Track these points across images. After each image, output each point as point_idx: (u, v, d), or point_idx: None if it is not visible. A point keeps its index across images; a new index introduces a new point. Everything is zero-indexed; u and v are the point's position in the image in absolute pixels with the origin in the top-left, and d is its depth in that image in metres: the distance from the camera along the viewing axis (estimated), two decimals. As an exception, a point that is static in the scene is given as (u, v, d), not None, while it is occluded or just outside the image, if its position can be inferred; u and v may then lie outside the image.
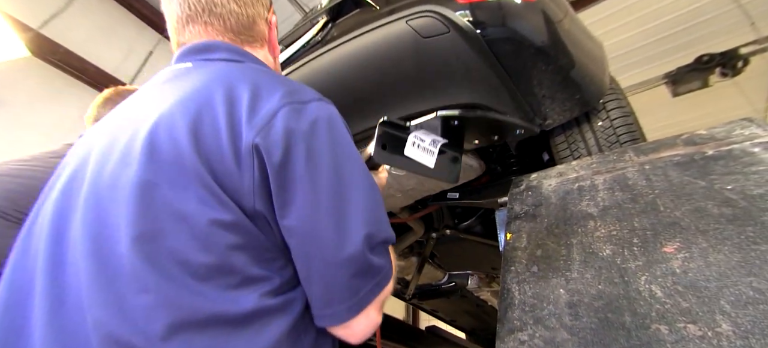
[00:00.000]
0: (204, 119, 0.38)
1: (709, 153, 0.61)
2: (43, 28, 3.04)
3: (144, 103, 0.45)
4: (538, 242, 0.67)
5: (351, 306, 0.40)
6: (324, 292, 0.40)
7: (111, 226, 0.35)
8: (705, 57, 3.36)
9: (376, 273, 0.42)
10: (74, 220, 0.37)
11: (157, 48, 3.91)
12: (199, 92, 0.41)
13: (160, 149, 0.37)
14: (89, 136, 0.47)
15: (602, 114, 0.97)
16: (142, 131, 0.39)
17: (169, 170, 0.37)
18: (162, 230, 0.35)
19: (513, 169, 1.26)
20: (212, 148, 0.38)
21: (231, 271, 0.36)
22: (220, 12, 0.51)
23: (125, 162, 0.38)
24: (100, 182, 0.38)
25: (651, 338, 0.40)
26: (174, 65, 0.51)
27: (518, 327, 0.52)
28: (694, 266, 0.44)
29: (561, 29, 0.90)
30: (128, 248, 0.34)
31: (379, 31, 0.95)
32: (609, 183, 0.71)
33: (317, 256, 0.39)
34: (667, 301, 0.43)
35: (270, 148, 0.38)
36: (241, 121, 0.39)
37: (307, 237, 0.39)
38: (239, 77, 0.43)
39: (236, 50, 0.52)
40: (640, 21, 3.43)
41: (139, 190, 0.36)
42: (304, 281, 0.40)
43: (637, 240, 0.54)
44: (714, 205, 0.51)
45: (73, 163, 0.44)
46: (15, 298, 0.37)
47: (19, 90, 2.93)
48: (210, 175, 0.37)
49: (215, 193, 0.36)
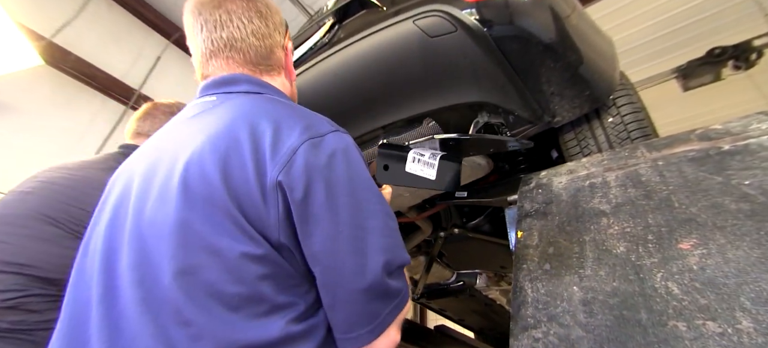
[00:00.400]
0: (232, 157, 0.42)
1: (725, 148, 0.60)
2: (55, 36, 3.12)
3: (177, 138, 0.49)
4: (549, 240, 0.67)
5: (373, 329, 0.43)
6: (347, 318, 0.42)
7: (154, 261, 0.39)
8: (717, 50, 3.29)
9: (394, 296, 0.45)
10: (122, 251, 0.41)
11: (164, 53, 3.97)
12: (226, 130, 0.44)
13: (193, 187, 0.41)
14: (132, 162, 0.51)
15: (612, 110, 0.95)
16: (177, 169, 0.42)
17: (202, 207, 0.40)
18: (199, 265, 0.38)
19: (521, 167, 1.25)
20: (240, 184, 0.40)
21: (260, 300, 0.39)
22: (240, 46, 0.55)
23: (163, 200, 0.41)
24: (142, 218, 0.42)
25: (668, 335, 0.40)
26: (200, 98, 0.55)
27: (532, 324, 0.52)
28: (712, 263, 0.44)
29: (569, 25, 0.90)
30: (170, 282, 0.37)
31: (386, 31, 0.95)
32: (621, 180, 0.71)
33: (340, 285, 0.42)
34: (684, 298, 0.42)
35: (292, 184, 0.41)
36: (266, 158, 0.42)
37: (330, 268, 0.42)
38: (261, 113, 0.47)
39: (256, 82, 0.56)
40: (649, 14, 3.37)
41: (177, 228, 0.39)
42: (328, 309, 0.43)
43: (651, 237, 0.54)
44: (731, 200, 0.50)
45: (119, 188, 0.48)
46: (78, 314, 0.41)
47: (33, 98, 3.01)
48: (238, 210, 0.40)
49: (244, 228, 0.39)
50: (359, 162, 0.48)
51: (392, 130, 1.14)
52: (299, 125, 0.45)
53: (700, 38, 3.46)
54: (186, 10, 0.58)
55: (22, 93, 2.94)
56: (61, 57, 3.15)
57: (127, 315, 0.38)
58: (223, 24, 0.55)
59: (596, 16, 1.54)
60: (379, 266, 0.42)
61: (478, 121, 1.06)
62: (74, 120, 3.24)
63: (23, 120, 2.92)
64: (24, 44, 2.34)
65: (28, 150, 2.91)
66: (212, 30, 0.55)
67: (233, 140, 0.43)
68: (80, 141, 3.23)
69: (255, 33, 0.56)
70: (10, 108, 2.88)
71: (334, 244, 0.41)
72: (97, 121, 3.36)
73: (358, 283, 0.41)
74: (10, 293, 0.62)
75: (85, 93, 3.34)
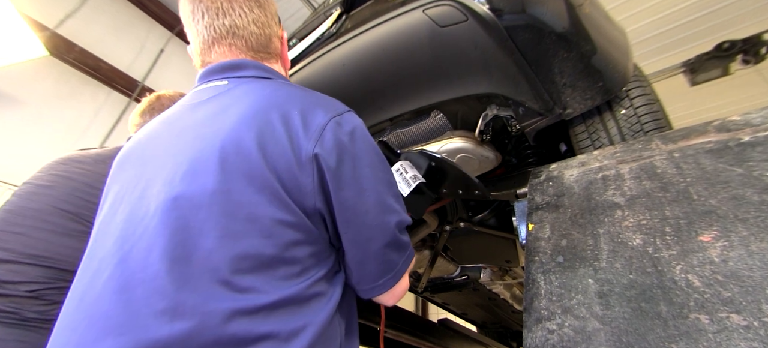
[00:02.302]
0: (266, 135, 0.46)
1: (745, 139, 0.58)
2: (59, 27, 3.11)
3: (197, 119, 0.50)
4: (562, 232, 0.66)
5: (394, 275, 0.53)
6: (376, 269, 0.51)
7: (193, 229, 0.41)
8: (725, 44, 3.23)
9: (406, 248, 0.55)
10: (146, 224, 0.42)
11: (167, 45, 3.95)
12: (257, 111, 0.48)
13: (232, 162, 0.44)
14: (141, 145, 0.53)
15: (625, 102, 0.94)
16: (210, 146, 0.45)
17: (241, 180, 0.43)
18: (240, 231, 0.41)
19: (529, 160, 1.24)
20: (278, 159, 0.45)
21: (293, 262, 0.44)
22: (242, 34, 0.58)
23: (196, 174, 0.43)
24: (170, 192, 0.43)
25: (690, 328, 0.39)
26: (208, 83, 0.56)
27: (546, 316, 0.51)
28: (735, 255, 0.43)
29: (582, 14, 0.88)
30: (211, 246, 0.40)
31: (394, 21, 0.94)
32: (635, 172, 0.69)
33: (370, 240, 0.50)
34: (706, 290, 0.42)
35: (326, 156, 0.47)
36: (299, 134, 0.47)
37: (362, 226, 0.49)
38: (284, 96, 0.51)
39: (263, 67, 0.59)
40: (657, 8, 3.31)
41: (218, 198, 0.42)
42: (359, 264, 0.51)
43: (669, 229, 0.53)
44: (754, 192, 0.49)
45: (131, 169, 0.50)
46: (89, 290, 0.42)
47: (36, 89, 3.01)
48: (278, 182, 0.44)
49: (281, 198, 0.44)
50: (371, 138, 0.55)
51: (400, 121, 1.13)
52: (320, 106, 0.51)
53: (708, 32, 3.40)
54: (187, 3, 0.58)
55: (27, 84, 2.94)
56: (66, 48, 3.14)
57: (157, 275, 0.39)
58: (224, 11, 0.56)
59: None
60: (395, 224, 0.51)
61: (487, 114, 1.04)
62: (79, 111, 3.24)
63: (28, 111, 2.93)
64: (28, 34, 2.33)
65: (33, 141, 2.92)
66: (214, 17, 0.56)
67: (265, 121, 0.47)
68: (85, 133, 3.24)
69: (255, 21, 0.59)
70: (15, 99, 2.88)
71: (364, 206, 0.48)
72: (102, 113, 3.37)
73: (383, 239, 0.50)
74: (34, 284, 0.63)
75: (90, 85, 3.34)
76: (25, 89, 2.94)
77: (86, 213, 0.72)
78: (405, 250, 0.54)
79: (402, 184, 0.78)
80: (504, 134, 1.18)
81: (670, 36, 3.51)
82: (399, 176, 0.78)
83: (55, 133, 3.06)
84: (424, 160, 0.79)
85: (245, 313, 0.38)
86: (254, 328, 0.38)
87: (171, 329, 0.36)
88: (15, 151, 2.82)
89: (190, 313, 0.37)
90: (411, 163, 0.78)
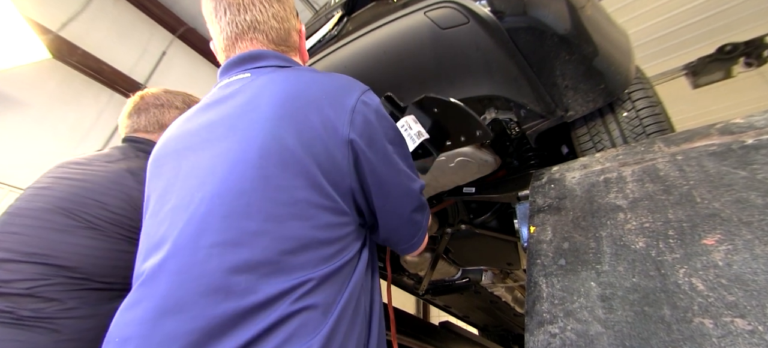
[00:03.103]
0: (300, 124, 0.48)
1: (749, 142, 0.58)
2: (62, 30, 3.13)
3: (226, 112, 0.52)
4: (564, 235, 0.65)
5: (422, 233, 0.63)
6: (409, 230, 0.60)
7: (240, 213, 0.43)
8: (728, 46, 3.22)
9: (425, 208, 0.63)
10: (193, 208, 0.45)
11: (170, 48, 3.97)
12: (286, 101, 0.50)
13: (268, 150, 0.46)
14: (175, 142, 0.55)
15: (627, 104, 0.93)
16: (247, 139, 0.47)
17: (278, 166, 0.45)
18: (282, 214, 0.44)
19: (531, 163, 1.23)
20: (314, 144, 0.48)
21: (329, 242, 0.47)
22: (263, 28, 0.61)
23: (241, 163, 0.46)
24: (213, 181, 0.46)
25: (694, 332, 0.39)
26: (234, 76, 0.58)
27: (548, 320, 0.51)
28: (739, 258, 0.42)
29: (584, 16, 0.88)
30: (256, 228, 0.43)
31: (396, 23, 0.94)
32: (638, 174, 0.69)
33: (404, 207, 0.57)
34: (710, 294, 0.41)
35: (359, 139, 0.50)
36: (331, 119, 0.50)
37: (398, 195, 0.56)
38: (308, 82, 0.54)
39: (283, 57, 0.61)
40: (659, 10, 3.31)
41: (260, 184, 0.45)
42: (393, 230, 0.58)
43: (672, 232, 0.52)
44: (758, 195, 0.48)
45: (170, 165, 0.53)
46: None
47: (40, 91, 3.02)
48: (315, 166, 0.47)
49: (318, 181, 0.47)
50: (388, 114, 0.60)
51: (401, 123, 1.12)
52: (344, 88, 0.54)
53: (710, 35, 3.39)
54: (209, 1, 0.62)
55: (30, 87, 2.96)
56: (68, 51, 3.16)
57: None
58: (246, 7, 0.59)
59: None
60: (418, 190, 0.59)
61: (486, 117, 1.04)
62: (81, 114, 3.26)
63: (31, 114, 2.94)
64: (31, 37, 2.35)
65: (36, 144, 2.94)
66: (236, 13, 0.59)
67: (295, 108, 0.49)
68: (87, 135, 3.25)
69: (275, 16, 0.61)
70: (18, 102, 2.90)
71: (396, 178, 0.55)
72: (104, 116, 3.38)
73: (411, 205, 0.58)
74: (29, 281, 0.63)
75: (93, 87, 3.36)
76: (28, 92, 2.96)
77: (80, 208, 0.72)
78: (426, 210, 0.63)
79: (408, 140, 0.76)
80: (504, 137, 1.18)
81: (672, 39, 3.51)
82: (404, 133, 0.76)
83: (58, 136, 3.08)
84: (428, 113, 0.78)
85: (290, 291, 0.41)
86: (299, 304, 0.41)
87: (225, 308, 0.38)
88: (18, 153, 2.83)
89: (241, 294, 0.40)
90: (415, 118, 0.77)
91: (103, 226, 0.71)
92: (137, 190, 0.75)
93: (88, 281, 0.67)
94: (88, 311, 0.65)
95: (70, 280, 0.65)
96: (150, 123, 0.92)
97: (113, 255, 0.70)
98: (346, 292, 0.46)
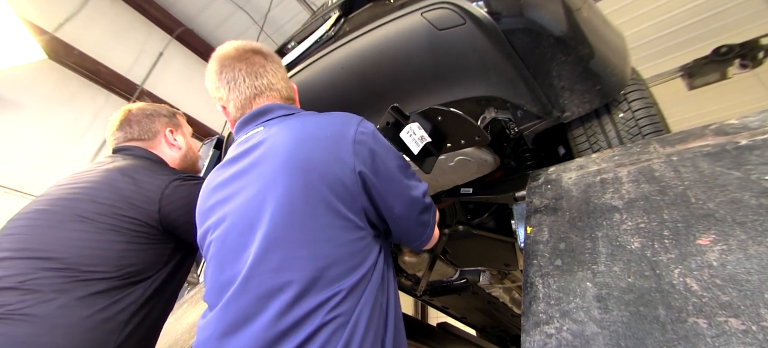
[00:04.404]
0: (316, 163, 0.57)
1: (743, 143, 0.58)
2: (58, 31, 3.11)
3: (256, 161, 0.62)
4: (560, 236, 0.66)
5: (430, 229, 0.70)
6: (418, 230, 0.68)
7: (278, 237, 0.54)
8: (723, 48, 3.25)
9: (430, 207, 0.70)
10: (251, 227, 0.56)
11: (167, 49, 3.96)
12: (299, 144, 0.60)
13: (292, 189, 0.55)
14: (217, 186, 0.66)
15: (623, 105, 0.94)
16: (273, 181, 0.57)
17: (301, 200, 0.55)
18: (314, 239, 0.54)
19: (528, 163, 1.24)
20: (329, 178, 0.56)
21: (350, 256, 0.55)
22: (276, 87, 0.73)
23: (270, 201, 0.55)
24: (260, 220, 0.56)
25: (689, 332, 0.39)
26: (250, 131, 0.69)
27: (544, 320, 0.51)
28: (733, 259, 0.43)
29: (580, 18, 0.88)
30: (294, 252, 0.53)
31: (393, 24, 0.94)
32: (634, 175, 0.69)
33: (412, 214, 0.65)
34: (704, 294, 0.41)
35: (365, 167, 0.59)
36: (339, 153, 0.59)
37: (406, 206, 0.64)
38: (312, 125, 0.63)
39: (287, 107, 0.72)
40: (656, 12, 3.34)
41: (291, 218, 0.54)
42: (405, 233, 0.67)
43: (667, 232, 0.52)
44: (751, 196, 0.49)
45: (216, 198, 0.64)
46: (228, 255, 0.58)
47: (36, 92, 3.01)
48: (333, 195, 0.56)
49: (335, 207, 0.56)
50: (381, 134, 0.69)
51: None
52: (343, 123, 0.63)
53: (706, 36, 3.42)
54: (215, 69, 0.72)
55: (26, 88, 2.94)
56: (65, 52, 3.15)
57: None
58: (259, 74, 0.72)
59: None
60: (421, 194, 0.66)
61: (485, 117, 1.04)
62: (78, 115, 3.24)
63: (27, 115, 2.93)
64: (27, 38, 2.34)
65: (32, 145, 2.92)
66: (254, 78, 0.71)
67: (308, 150, 0.59)
68: (83, 136, 3.24)
69: (284, 79, 0.76)
70: (15, 103, 2.88)
71: (400, 191, 0.63)
72: (101, 117, 3.37)
73: (417, 209, 0.65)
74: (19, 276, 0.66)
75: (89, 88, 3.34)
76: (24, 93, 2.94)
77: (71, 204, 0.75)
78: (431, 209, 0.70)
79: (412, 144, 0.84)
80: (502, 137, 1.19)
81: (668, 40, 3.54)
82: (409, 137, 0.84)
83: (54, 137, 3.06)
84: (430, 120, 0.85)
85: (325, 302, 0.50)
86: (332, 314, 0.50)
87: (278, 324, 0.48)
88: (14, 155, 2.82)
89: (287, 310, 0.49)
90: (419, 125, 0.84)
91: (91, 217, 0.73)
92: (124, 182, 0.79)
93: (72, 271, 0.68)
94: (65, 301, 0.65)
95: (55, 271, 0.67)
96: (143, 131, 0.96)
97: (98, 244, 0.71)
98: (365, 296, 0.54)
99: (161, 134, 0.98)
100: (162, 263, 0.79)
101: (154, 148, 0.96)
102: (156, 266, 0.78)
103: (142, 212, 0.76)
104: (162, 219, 0.78)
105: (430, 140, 0.84)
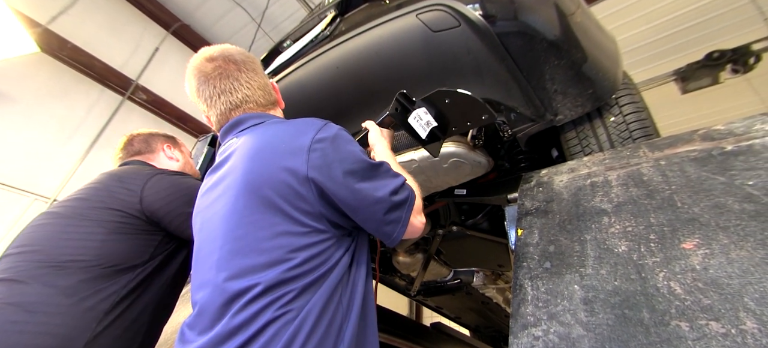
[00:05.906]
0: (270, 173, 0.60)
1: (729, 148, 0.59)
2: (52, 24, 3.07)
3: (227, 172, 0.65)
4: (550, 238, 0.66)
5: (402, 225, 0.66)
6: (387, 227, 0.65)
7: (240, 240, 0.58)
8: (715, 53, 3.29)
9: (402, 204, 0.66)
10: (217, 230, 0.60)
11: (163, 44, 3.93)
12: (258, 153, 0.62)
13: (250, 197, 0.59)
14: (202, 194, 0.71)
15: (615, 109, 0.95)
16: (235, 192, 0.60)
17: (259, 208, 0.58)
18: (271, 247, 0.56)
19: (521, 165, 1.25)
20: (282, 188, 0.59)
21: (306, 261, 0.56)
22: (253, 98, 0.75)
23: (232, 210, 0.60)
24: (220, 214, 0.61)
25: (671, 335, 0.40)
26: (227, 141, 0.73)
27: (532, 322, 0.51)
28: (715, 263, 0.44)
29: (573, 22, 0.89)
30: (251, 261, 0.56)
31: (388, 25, 0.94)
32: (623, 179, 0.70)
33: (375, 214, 0.63)
34: (687, 297, 0.42)
35: (317, 172, 0.60)
36: (292, 163, 0.60)
37: (366, 209, 0.62)
38: (273, 134, 0.65)
39: (260, 115, 0.74)
40: (649, 17, 3.37)
41: (251, 228, 0.58)
42: (375, 230, 0.65)
43: (654, 236, 0.53)
44: (735, 201, 0.50)
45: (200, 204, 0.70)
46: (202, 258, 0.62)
47: (28, 86, 2.96)
48: (287, 204, 0.58)
49: (292, 215, 0.58)
50: (348, 135, 0.68)
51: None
52: (301, 131, 0.64)
53: (699, 41, 3.46)
54: (194, 85, 0.74)
55: (18, 81, 2.90)
56: (58, 45, 3.10)
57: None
58: (233, 90, 0.73)
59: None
60: (388, 194, 0.64)
61: None
62: (71, 109, 3.20)
63: (19, 108, 2.88)
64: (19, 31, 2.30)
65: (24, 140, 2.88)
66: (229, 94, 0.73)
67: (264, 160, 0.61)
68: (77, 130, 3.19)
69: (260, 87, 0.76)
70: (6, 96, 2.83)
71: (359, 195, 0.61)
72: (94, 111, 3.33)
73: (382, 209, 0.63)
74: (11, 270, 0.71)
75: (83, 82, 3.30)
76: (16, 86, 2.90)
77: (66, 203, 0.82)
78: (403, 206, 0.67)
79: (420, 130, 0.85)
80: (496, 139, 1.19)
81: (661, 45, 3.57)
82: (416, 123, 0.84)
83: (47, 131, 3.02)
84: (435, 104, 0.85)
85: (274, 301, 0.53)
86: (280, 311, 0.53)
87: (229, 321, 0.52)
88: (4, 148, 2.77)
89: (240, 311, 0.52)
90: (425, 110, 0.84)
91: (74, 212, 0.79)
92: (111, 180, 0.85)
93: (52, 261, 0.72)
94: (44, 290, 0.69)
95: (38, 262, 0.72)
96: (143, 147, 1.04)
97: (77, 235, 0.76)
98: (320, 292, 0.55)
99: (160, 149, 1.05)
100: (148, 255, 0.81)
101: (152, 160, 1.03)
102: (141, 257, 0.79)
103: (124, 203, 0.80)
104: (145, 209, 0.81)
105: (436, 125, 0.84)
